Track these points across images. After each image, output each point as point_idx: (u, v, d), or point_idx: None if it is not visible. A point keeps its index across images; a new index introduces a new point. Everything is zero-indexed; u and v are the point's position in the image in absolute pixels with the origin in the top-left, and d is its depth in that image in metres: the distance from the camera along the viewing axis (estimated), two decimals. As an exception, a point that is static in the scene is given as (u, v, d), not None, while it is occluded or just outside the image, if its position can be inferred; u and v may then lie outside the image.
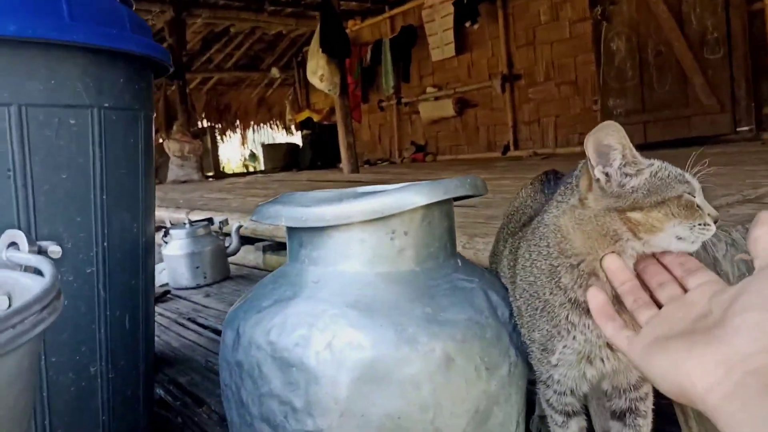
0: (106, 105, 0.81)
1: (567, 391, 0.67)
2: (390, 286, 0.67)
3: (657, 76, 4.89)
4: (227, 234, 2.51)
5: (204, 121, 10.59)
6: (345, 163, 5.80)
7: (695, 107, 4.67)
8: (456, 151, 7.40)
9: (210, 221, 2.48)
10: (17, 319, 0.34)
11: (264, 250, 2.64)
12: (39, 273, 0.48)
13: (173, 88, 8.08)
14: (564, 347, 0.63)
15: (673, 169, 0.57)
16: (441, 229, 0.73)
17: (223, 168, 11.30)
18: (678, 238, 0.54)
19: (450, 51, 7.05)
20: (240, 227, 2.46)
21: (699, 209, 0.55)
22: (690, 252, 0.56)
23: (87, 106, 0.78)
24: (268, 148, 10.50)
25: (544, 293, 0.64)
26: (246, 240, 2.65)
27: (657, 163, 0.58)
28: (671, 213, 0.54)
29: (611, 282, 0.58)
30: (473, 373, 0.64)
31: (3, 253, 0.50)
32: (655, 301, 0.55)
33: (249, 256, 2.70)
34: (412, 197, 0.66)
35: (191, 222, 2.43)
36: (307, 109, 10.05)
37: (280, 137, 11.73)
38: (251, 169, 11.61)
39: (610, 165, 0.57)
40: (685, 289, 0.53)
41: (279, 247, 2.63)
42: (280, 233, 2.52)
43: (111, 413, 0.86)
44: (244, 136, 11.51)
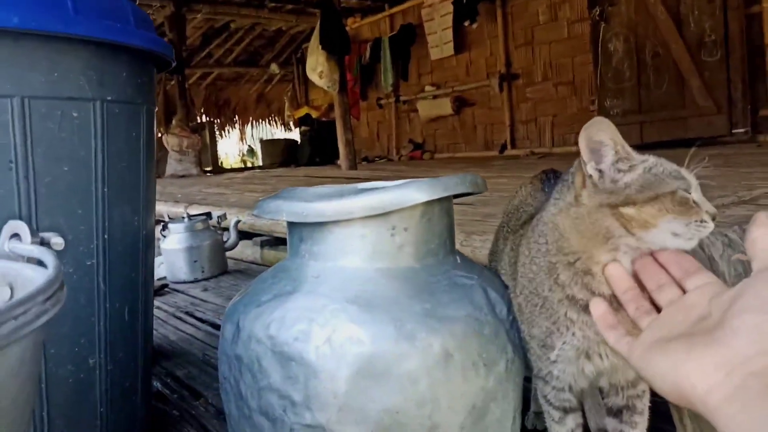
0: (108, 98, 0.81)
1: (565, 387, 0.67)
2: (390, 282, 0.68)
3: (654, 77, 4.90)
4: (225, 228, 2.51)
5: (203, 117, 10.56)
6: (343, 160, 5.81)
7: (692, 109, 4.69)
8: (453, 150, 7.41)
9: (208, 216, 2.48)
10: (21, 310, 0.34)
11: (262, 245, 2.64)
12: (41, 264, 0.48)
13: (173, 82, 8.06)
14: (563, 344, 0.64)
15: (669, 165, 0.57)
16: (441, 226, 0.73)
17: (221, 163, 11.27)
18: (674, 234, 0.54)
19: (449, 50, 7.06)
20: (238, 222, 2.46)
21: (695, 206, 0.54)
22: (687, 249, 0.55)
23: (89, 99, 0.78)
24: (266, 143, 10.48)
25: (543, 290, 0.64)
26: (244, 235, 2.65)
27: (651, 159, 0.57)
28: (665, 209, 0.53)
29: (613, 289, 0.58)
30: (471, 369, 0.64)
31: (5, 245, 0.50)
32: (654, 304, 0.55)
33: (247, 250, 2.70)
34: (412, 194, 0.67)
35: (190, 216, 2.43)
36: (306, 106, 10.04)
37: (278, 133, 11.71)
38: (249, 165, 11.59)
39: (602, 161, 0.57)
40: (684, 291, 0.53)
41: (277, 243, 2.63)
42: (278, 228, 2.52)
43: (109, 405, 0.86)
44: (242, 131, 11.49)
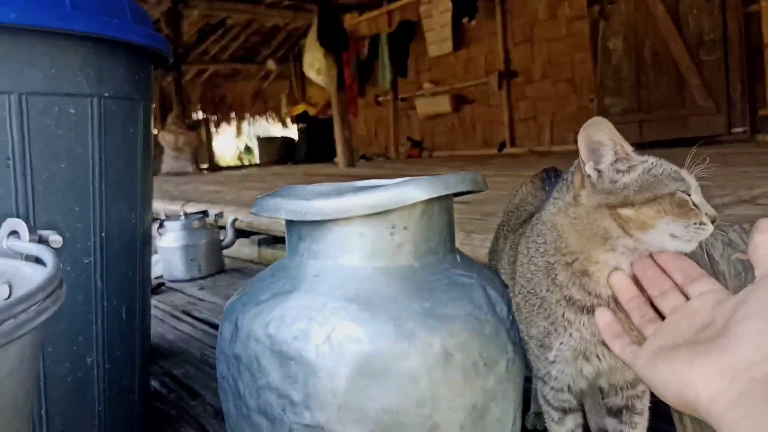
0: (106, 94, 0.80)
1: (564, 388, 0.67)
2: (389, 280, 0.67)
3: (653, 76, 4.90)
4: (222, 227, 2.50)
5: (199, 113, 10.53)
6: (341, 157, 5.80)
7: (691, 108, 4.69)
8: (452, 148, 7.39)
9: (205, 214, 2.47)
10: (21, 308, 0.34)
11: (259, 243, 2.64)
12: (39, 262, 0.48)
13: (169, 79, 8.03)
14: (561, 344, 0.64)
15: (668, 166, 0.56)
16: (440, 225, 0.73)
17: (218, 161, 11.24)
18: (672, 236, 0.53)
19: (447, 47, 7.03)
20: (235, 220, 2.45)
21: (694, 208, 0.53)
22: (686, 252, 0.55)
23: (87, 95, 0.77)
24: (263, 141, 10.47)
25: (541, 290, 0.64)
26: (241, 233, 2.65)
27: (651, 160, 0.57)
28: (663, 210, 0.53)
29: (618, 297, 0.58)
30: (471, 369, 0.64)
31: (4, 242, 0.50)
32: (658, 312, 0.55)
33: (244, 249, 2.69)
34: (412, 192, 0.66)
35: (186, 214, 2.42)
36: (303, 103, 10.02)
37: (275, 130, 11.69)
38: (246, 163, 11.56)
39: (601, 161, 0.57)
40: (686, 296, 0.53)
41: (275, 241, 2.62)
42: (275, 227, 2.51)
43: (107, 404, 0.86)
44: (239, 128, 11.46)
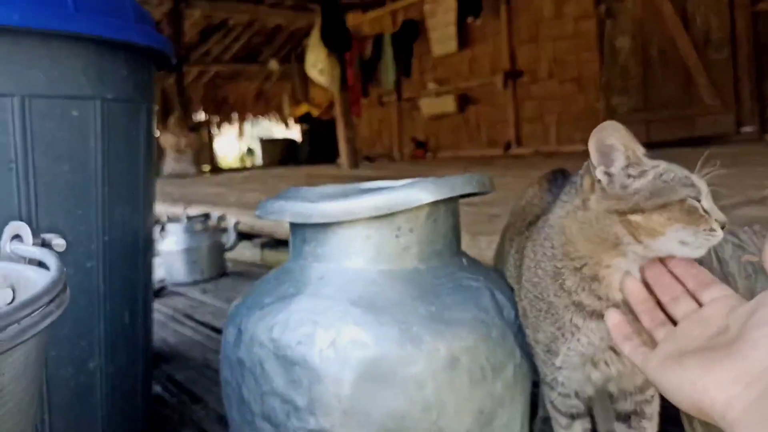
0: (108, 96, 0.79)
1: (571, 394, 0.66)
2: (394, 283, 0.67)
3: (661, 74, 4.88)
4: (224, 229, 2.50)
5: (201, 114, 10.54)
6: (344, 159, 5.80)
7: (699, 107, 4.67)
8: (457, 148, 7.36)
9: (207, 216, 2.46)
10: (25, 313, 0.34)
11: (262, 246, 2.63)
12: (42, 266, 0.48)
13: (170, 80, 8.03)
14: (568, 349, 0.63)
15: (680, 172, 0.55)
16: (446, 227, 0.72)
17: (220, 162, 11.24)
18: (681, 243, 0.53)
19: (452, 46, 7.00)
20: (238, 223, 2.44)
21: (704, 214, 0.53)
22: (695, 257, 0.54)
23: (89, 97, 0.77)
24: (265, 142, 10.48)
25: (548, 295, 0.63)
26: (244, 236, 2.64)
27: (663, 165, 0.56)
28: (673, 217, 0.52)
29: (630, 302, 0.57)
30: (478, 374, 0.63)
31: (7, 246, 0.50)
32: (669, 317, 0.54)
33: (246, 252, 2.69)
34: (418, 194, 0.66)
35: (189, 217, 2.42)
36: (306, 103, 10.02)
37: (277, 131, 11.69)
38: (248, 164, 11.57)
39: (612, 166, 0.56)
40: (699, 302, 0.52)
41: (277, 244, 2.62)
42: (278, 230, 2.51)
43: (109, 408, 0.85)
44: (241, 129, 11.47)
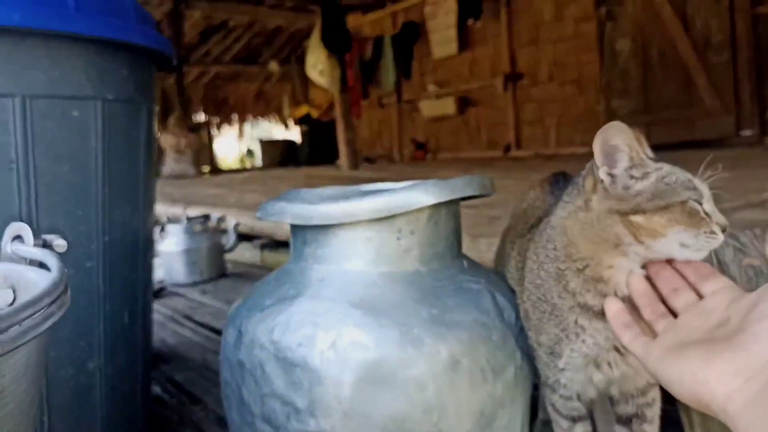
0: (109, 97, 0.79)
1: (573, 396, 0.66)
2: (395, 285, 0.67)
3: (661, 77, 4.88)
4: (224, 230, 2.49)
5: (201, 115, 10.53)
6: (344, 160, 5.79)
7: (699, 110, 4.67)
8: (457, 150, 7.35)
9: (207, 217, 2.46)
10: (27, 314, 0.34)
11: (262, 247, 2.63)
12: (43, 267, 0.47)
13: (170, 81, 8.02)
14: (572, 351, 0.63)
15: (682, 175, 0.55)
16: (447, 229, 0.72)
17: (219, 163, 11.22)
18: (682, 245, 0.53)
19: (452, 49, 6.99)
20: (238, 224, 2.44)
21: (706, 217, 0.53)
22: (696, 260, 0.54)
23: (90, 97, 0.77)
24: (265, 143, 10.48)
25: (551, 297, 0.63)
26: (243, 237, 2.64)
27: (666, 168, 0.56)
28: (674, 219, 0.53)
29: (630, 293, 0.57)
30: (479, 376, 0.63)
31: (8, 246, 0.49)
32: (669, 308, 0.54)
33: (246, 253, 2.69)
34: (419, 196, 0.65)
35: (188, 218, 2.41)
36: (306, 105, 10.02)
37: (277, 132, 11.69)
38: (248, 165, 11.56)
39: (616, 166, 0.56)
40: (699, 295, 0.52)
41: (277, 246, 2.61)
42: (278, 231, 2.51)
43: (109, 409, 0.85)
44: (241, 130, 11.46)
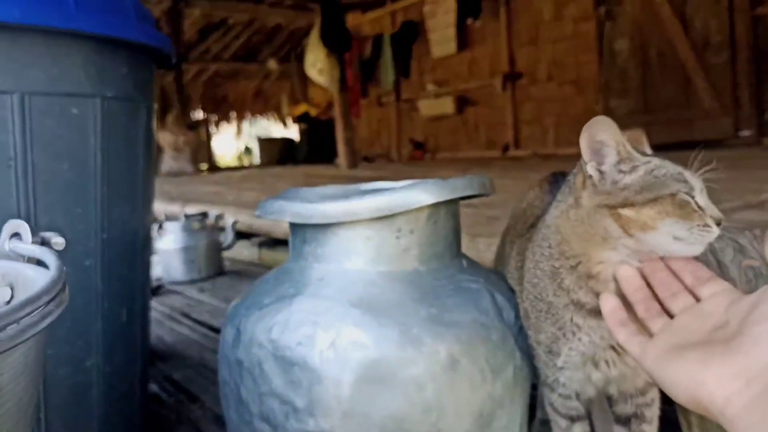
0: (108, 95, 0.79)
1: (572, 395, 0.66)
2: (395, 285, 0.67)
3: (659, 77, 4.88)
4: (222, 228, 2.49)
5: (200, 113, 10.51)
6: (342, 159, 5.79)
7: (697, 110, 4.67)
8: (455, 149, 7.34)
9: (205, 215, 2.46)
10: (25, 312, 0.34)
11: (260, 245, 2.63)
12: (41, 264, 0.47)
13: (169, 78, 8.00)
14: (569, 349, 0.63)
15: (672, 168, 0.55)
16: (447, 229, 0.72)
17: (217, 161, 11.21)
18: (676, 238, 0.52)
19: (451, 48, 6.99)
20: (236, 222, 2.44)
21: (698, 210, 0.52)
22: (693, 255, 0.54)
23: (89, 95, 0.76)
24: (264, 142, 10.46)
25: (547, 295, 0.63)
26: (241, 235, 2.64)
27: (655, 161, 0.56)
28: (664, 211, 0.52)
29: (623, 289, 0.56)
30: (478, 376, 0.63)
31: (6, 244, 0.49)
32: (666, 311, 0.53)
33: (244, 251, 2.68)
34: (419, 195, 0.65)
35: (186, 216, 2.41)
36: (305, 103, 10.01)
37: (276, 130, 11.67)
38: (246, 163, 11.54)
39: (604, 162, 0.56)
40: (697, 299, 0.52)
41: (275, 244, 2.61)
42: (276, 230, 2.50)
43: (107, 407, 0.85)
44: (239, 128, 11.45)
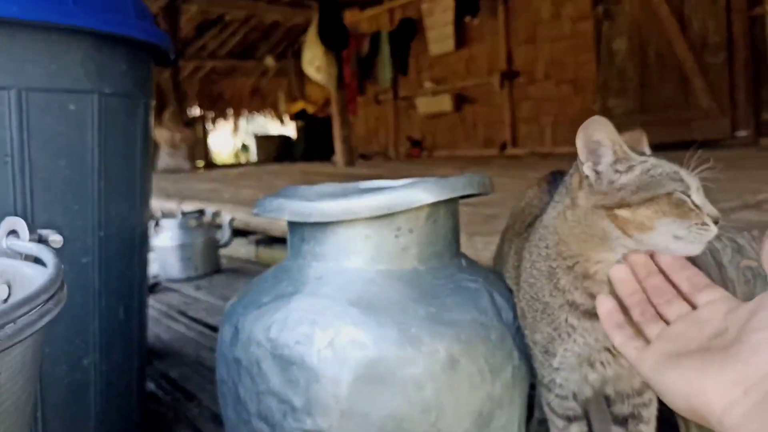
0: (106, 91, 0.79)
1: (569, 395, 0.66)
2: (393, 284, 0.66)
3: (657, 77, 4.88)
4: (219, 226, 2.49)
5: (196, 109, 10.48)
6: (339, 156, 5.78)
7: (695, 110, 4.67)
8: (453, 147, 7.33)
9: (202, 212, 2.45)
10: (23, 311, 0.34)
11: (257, 243, 2.63)
12: (39, 262, 0.47)
13: (166, 75, 7.97)
14: (565, 350, 0.63)
15: (668, 167, 0.55)
16: (446, 228, 0.72)
17: (214, 158, 11.18)
18: (675, 237, 0.52)
19: (449, 46, 6.98)
20: (233, 220, 2.43)
21: (695, 208, 0.52)
22: (693, 254, 0.54)
23: (88, 91, 0.76)
24: (261, 139, 10.44)
25: (544, 295, 0.63)
26: (238, 233, 2.63)
27: (651, 161, 0.55)
28: (660, 210, 0.52)
29: (618, 292, 0.56)
30: (477, 375, 0.63)
31: (3, 241, 0.49)
32: (661, 317, 0.53)
33: (241, 249, 2.68)
34: (419, 194, 0.65)
35: (183, 213, 2.41)
36: (302, 100, 10.00)
37: (273, 128, 11.65)
38: (243, 161, 11.52)
39: (600, 162, 0.55)
40: (693, 306, 0.52)
41: (272, 241, 2.61)
42: (273, 227, 2.50)
43: (104, 406, 0.85)
44: (236, 125, 11.43)
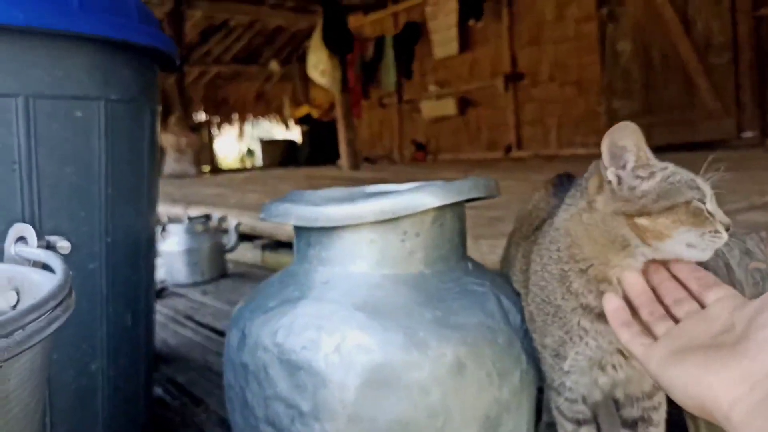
0: (112, 97, 0.79)
1: (578, 399, 0.66)
2: (400, 288, 0.66)
3: (662, 78, 4.87)
4: (225, 231, 2.49)
5: (202, 114, 10.53)
6: (344, 160, 5.79)
7: (700, 111, 4.66)
8: (457, 151, 7.34)
9: (208, 217, 2.46)
10: (31, 318, 0.34)
11: (263, 248, 2.63)
12: (47, 268, 0.47)
13: (171, 80, 8.00)
14: (576, 353, 0.62)
15: (685, 174, 0.55)
16: (452, 232, 0.72)
17: (219, 163, 11.21)
18: (688, 245, 0.53)
19: (453, 49, 6.99)
20: (239, 225, 2.44)
21: (709, 216, 0.53)
22: (703, 260, 0.54)
23: (94, 98, 0.76)
24: (266, 144, 10.49)
25: (555, 298, 0.63)
26: (245, 237, 2.64)
27: (670, 168, 0.56)
28: (679, 219, 0.52)
29: (627, 293, 0.56)
30: (485, 379, 0.63)
31: (11, 248, 0.49)
32: (672, 317, 0.53)
33: (247, 253, 2.68)
34: (425, 198, 0.65)
35: (190, 218, 2.41)
36: (307, 105, 10.03)
37: (278, 132, 11.69)
38: (248, 165, 11.56)
39: (623, 167, 0.55)
40: (702, 305, 0.52)
41: (278, 246, 2.61)
42: (279, 232, 2.50)
43: (112, 411, 0.85)
44: (241, 130, 11.47)
